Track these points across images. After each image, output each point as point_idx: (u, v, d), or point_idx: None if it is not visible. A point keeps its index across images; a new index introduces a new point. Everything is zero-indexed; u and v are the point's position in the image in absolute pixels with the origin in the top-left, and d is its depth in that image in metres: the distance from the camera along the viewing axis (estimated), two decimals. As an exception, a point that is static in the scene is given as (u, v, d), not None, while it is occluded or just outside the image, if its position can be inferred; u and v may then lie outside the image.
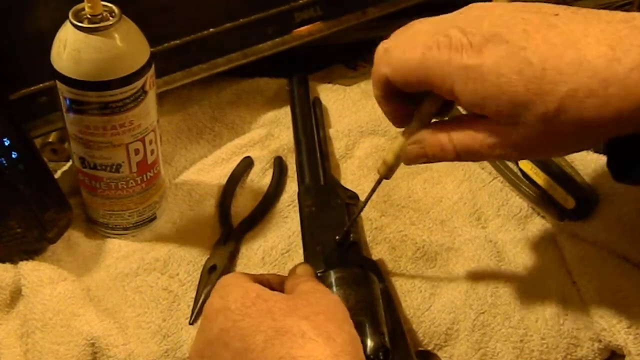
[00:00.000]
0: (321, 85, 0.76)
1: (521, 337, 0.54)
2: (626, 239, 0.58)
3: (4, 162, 0.52)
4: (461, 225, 0.62)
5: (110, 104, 0.51)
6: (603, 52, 0.37)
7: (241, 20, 0.70)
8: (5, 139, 0.52)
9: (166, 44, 0.66)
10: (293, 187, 0.64)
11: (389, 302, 0.52)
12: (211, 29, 0.68)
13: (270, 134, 0.70)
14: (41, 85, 0.60)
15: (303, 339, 0.39)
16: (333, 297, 0.45)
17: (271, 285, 0.46)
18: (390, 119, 0.48)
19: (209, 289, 0.55)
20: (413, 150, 0.46)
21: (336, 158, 0.68)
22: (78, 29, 0.49)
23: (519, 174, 0.64)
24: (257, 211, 0.62)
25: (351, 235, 0.56)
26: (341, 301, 0.45)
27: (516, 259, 0.59)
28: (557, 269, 0.58)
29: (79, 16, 0.50)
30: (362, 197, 0.61)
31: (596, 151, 0.64)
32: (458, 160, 0.44)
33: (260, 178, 0.66)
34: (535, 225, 0.62)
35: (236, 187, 0.65)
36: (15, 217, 0.54)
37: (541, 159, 0.63)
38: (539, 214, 0.63)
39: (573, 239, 0.60)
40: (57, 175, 0.63)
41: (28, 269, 0.55)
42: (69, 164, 0.64)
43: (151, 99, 0.54)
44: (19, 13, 0.57)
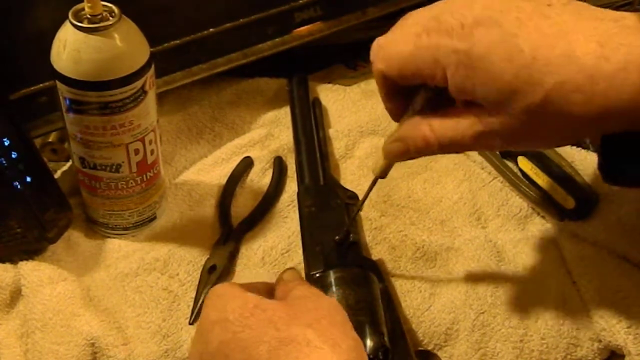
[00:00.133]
0: (321, 85, 0.76)
1: (521, 337, 0.54)
2: (626, 239, 0.58)
3: (4, 162, 0.52)
4: (461, 225, 0.62)
5: (110, 104, 0.51)
6: (592, 49, 0.37)
7: (241, 20, 0.70)
8: (5, 139, 0.52)
9: (166, 44, 0.66)
10: (293, 187, 0.64)
11: (389, 302, 0.52)
12: (211, 29, 0.68)
13: (270, 134, 0.70)
14: (41, 85, 0.61)
15: (309, 347, 0.38)
16: (330, 300, 0.45)
17: (260, 294, 0.45)
18: (391, 116, 0.48)
19: (208, 288, 0.55)
20: (396, 147, 0.46)
21: (336, 158, 0.68)
22: (78, 29, 0.49)
23: (519, 174, 0.64)
24: (257, 211, 0.62)
25: (351, 235, 0.56)
26: (337, 302, 0.44)
27: (516, 259, 0.59)
28: (557, 269, 0.58)
29: (78, 16, 0.50)
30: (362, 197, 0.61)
31: (596, 151, 0.64)
32: (441, 152, 0.44)
33: (260, 178, 0.66)
34: (535, 225, 0.62)
35: (236, 187, 0.65)
36: (15, 217, 0.54)
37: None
38: (539, 214, 0.63)
39: (573, 239, 0.60)
40: (57, 175, 0.63)
41: (28, 269, 0.55)
42: (69, 164, 0.64)
43: (151, 99, 0.54)
44: (19, 13, 0.57)
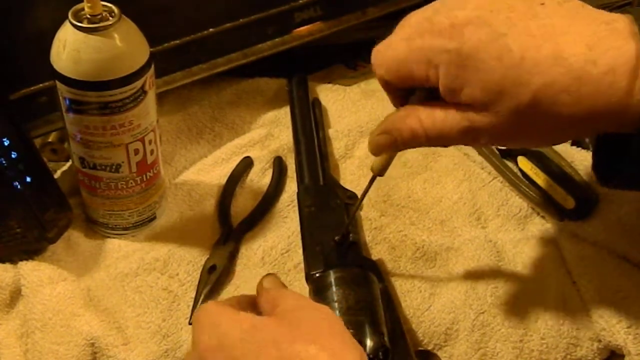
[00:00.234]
0: (321, 86, 0.76)
1: (521, 337, 0.54)
2: (626, 239, 0.58)
3: (3, 162, 0.52)
4: (461, 225, 0.62)
5: (109, 104, 0.51)
6: (580, 51, 0.38)
7: (241, 20, 0.70)
8: (5, 139, 0.52)
9: (166, 44, 0.66)
10: (292, 187, 0.64)
11: (389, 302, 0.52)
12: (211, 29, 0.68)
13: (270, 134, 0.70)
14: (41, 85, 0.61)
15: None
16: (322, 309, 0.43)
17: (243, 307, 0.43)
18: None
19: (208, 288, 0.55)
20: (381, 140, 0.46)
21: (335, 158, 0.68)
22: (78, 29, 0.49)
23: (519, 174, 0.64)
24: (257, 211, 0.62)
25: (350, 235, 0.56)
26: (329, 309, 0.43)
27: (516, 259, 0.59)
28: (557, 269, 0.58)
29: (78, 16, 0.50)
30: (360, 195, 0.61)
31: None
32: (428, 145, 0.44)
33: (260, 178, 0.66)
34: (535, 225, 0.62)
35: (236, 187, 0.65)
36: (15, 217, 0.54)
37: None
38: (539, 214, 0.63)
39: (573, 239, 0.60)
40: (57, 175, 0.63)
41: (28, 269, 0.55)
42: (68, 164, 0.64)
43: (151, 99, 0.54)
44: (19, 13, 0.57)
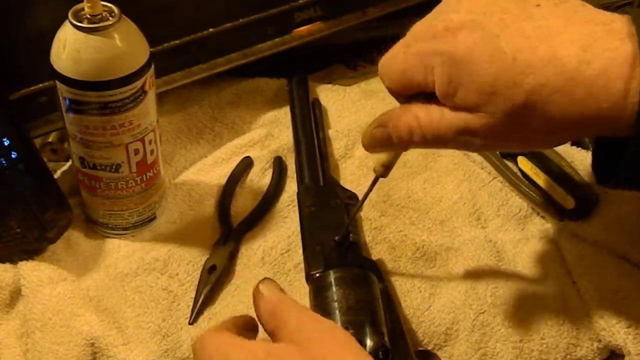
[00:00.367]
0: (321, 86, 0.76)
1: (521, 337, 0.54)
2: (626, 239, 0.58)
3: (3, 162, 0.52)
4: (461, 225, 0.62)
5: (109, 104, 0.51)
6: (574, 52, 0.37)
7: (241, 20, 0.70)
8: (5, 139, 0.52)
9: (166, 44, 0.66)
10: (293, 187, 0.64)
11: (389, 302, 0.52)
12: (211, 29, 0.68)
13: (270, 134, 0.70)
14: (41, 85, 0.61)
15: None
16: (334, 326, 0.41)
17: (240, 330, 0.42)
18: None
19: (208, 288, 0.55)
20: (378, 133, 0.45)
21: (335, 158, 0.68)
22: (78, 29, 0.49)
23: (519, 174, 0.64)
24: (257, 211, 0.62)
25: (351, 235, 0.56)
26: (339, 326, 0.41)
27: (516, 259, 0.59)
28: (557, 269, 0.58)
29: (78, 16, 0.50)
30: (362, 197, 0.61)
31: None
32: (424, 145, 0.44)
33: (260, 178, 0.66)
34: (535, 225, 0.62)
35: (236, 187, 0.65)
36: (15, 217, 0.54)
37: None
38: (538, 214, 0.63)
39: (573, 239, 0.60)
40: (56, 175, 0.63)
41: (28, 269, 0.55)
42: (68, 164, 0.64)
43: (151, 99, 0.54)
44: (19, 13, 0.57)
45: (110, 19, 0.50)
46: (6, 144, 0.52)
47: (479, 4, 0.40)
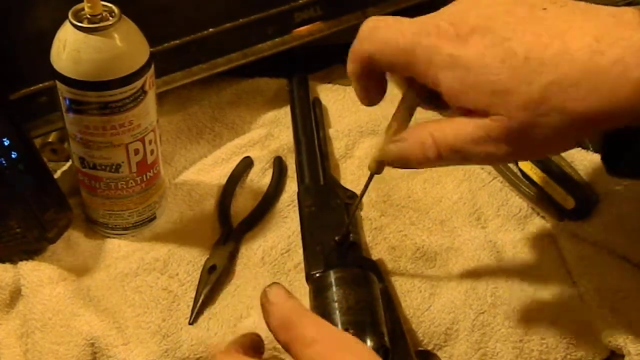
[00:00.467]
0: (321, 85, 0.76)
1: (521, 337, 0.54)
2: (626, 239, 0.58)
3: (3, 162, 0.52)
4: (461, 225, 0.62)
5: (109, 104, 0.51)
6: (587, 43, 0.37)
7: (241, 20, 0.70)
8: (5, 139, 0.52)
9: (166, 44, 0.66)
10: (293, 187, 0.64)
11: (389, 302, 0.52)
12: (211, 29, 0.68)
13: (270, 134, 0.70)
14: (41, 85, 0.61)
15: None
16: (344, 335, 0.40)
17: (247, 351, 0.41)
18: (360, 96, 0.47)
19: (208, 288, 0.55)
20: (393, 151, 0.45)
21: (336, 158, 0.68)
22: (78, 29, 0.49)
23: (519, 174, 0.64)
24: (257, 211, 0.62)
25: (351, 235, 0.56)
26: (362, 344, 0.40)
27: (516, 259, 0.59)
28: (557, 269, 0.58)
29: (78, 16, 0.50)
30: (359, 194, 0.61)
31: (596, 151, 0.64)
32: (440, 161, 0.43)
33: (260, 178, 0.66)
34: (535, 225, 0.62)
35: (236, 187, 0.65)
36: (15, 217, 0.54)
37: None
38: (538, 214, 0.63)
39: (573, 239, 0.60)
40: (57, 175, 0.63)
41: (28, 269, 0.55)
42: (68, 164, 0.64)
43: (151, 99, 0.54)
44: (19, 13, 0.57)
45: (110, 19, 0.50)
46: (6, 144, 0.52)
47: (488, 9, 0.40)
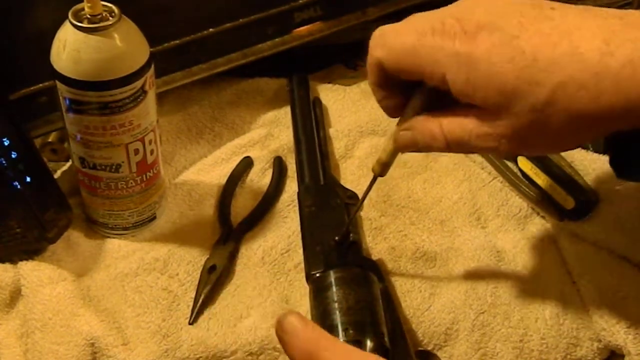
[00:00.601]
0: (321, 85, 0.76)
1: (521, 337, 0.54)
2: (626, 239, 0.58)
3: (3, 162, 0.52)
4: (461, 225, 0.62)
5: (109, 104, 0.51)
6: (596, 46, 0.37)
7: (241, 20, 0.70)
8: (5, 139, 0.52)
9: (166, 44, 0.66)
10: (293, 187, 0.64)
11: (389, 302, 0.52)
12: (211, 29, 0.68)
13: (270, 134, 0.70)
14: (41, 85, 0.61)
15: None
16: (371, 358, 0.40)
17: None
18: (383, 107, 0.48)
19: (208, 288, 0.55)
20: (405, 136, 0.46)
21: (336, 158, 0.68)
22: (78, 29, 0.49)
23: (519, 174, 0.64)
24: (257, 211, 0.62)
25: (351, 235, 0.56)
26: (376, 356, 0.39)
27: (516, 259, 0.59)
28: (557, 269, 0.58)
29: (78, 16, 0.50)
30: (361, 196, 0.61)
31: (596, 151, 0.65)
32: (448, 150, 0.44)
33: (260, 178, 0.66)
34: (535, 225, 0.62)
35: (236, 187, 0.65)
36: (15, 217, 0.54)
37: (535, 155, 0.63)
38: (538, 214, 0.63)
39: (573, 239, 0.60)
40: (57, 175, 0.63)
41: (28, 269, 0.55)
42: (68, 164, 0.64)
43: (151, 99, 0.54)
44: (19, 13, 0.57)
45: (110, 19, 0.50)
46: (6, 144, 0.52)
47: (495, 8, 0.40)
